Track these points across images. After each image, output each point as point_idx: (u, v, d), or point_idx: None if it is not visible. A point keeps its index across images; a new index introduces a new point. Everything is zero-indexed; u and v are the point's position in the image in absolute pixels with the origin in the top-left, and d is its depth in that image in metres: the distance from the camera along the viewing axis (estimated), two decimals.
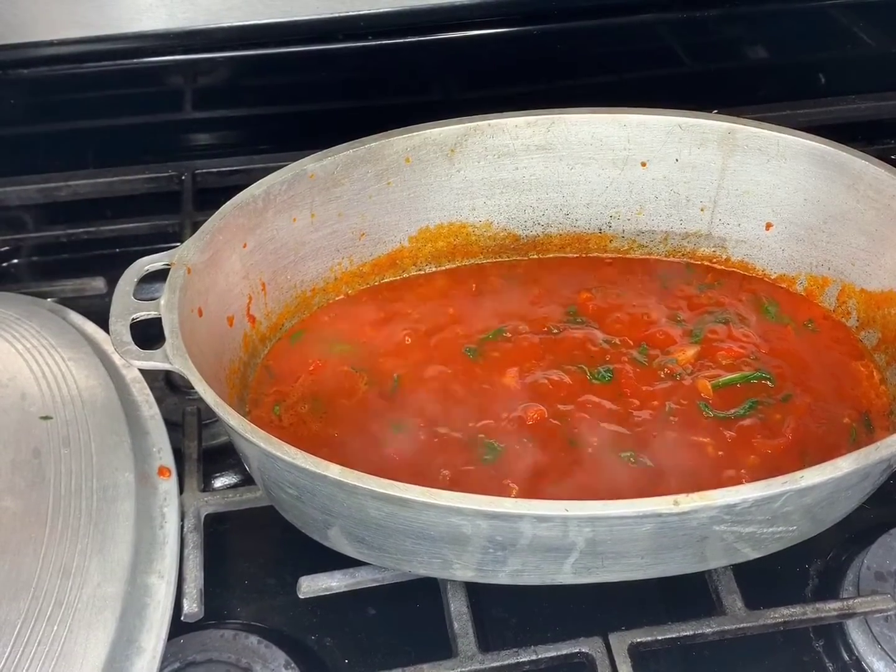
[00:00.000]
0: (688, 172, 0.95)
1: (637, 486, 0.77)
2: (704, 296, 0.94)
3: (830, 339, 0.91)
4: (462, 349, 0.89)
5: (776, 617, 0.75)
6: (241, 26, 1.11)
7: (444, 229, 0.96)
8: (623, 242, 0.99)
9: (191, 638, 0.75)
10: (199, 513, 0.81)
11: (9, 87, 1.11)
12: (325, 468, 0.64)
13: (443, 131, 0.92)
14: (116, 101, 1.16)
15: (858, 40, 1.24)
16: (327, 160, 0.88)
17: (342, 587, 0.77)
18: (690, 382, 0.85)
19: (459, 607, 0.75)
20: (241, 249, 0.85)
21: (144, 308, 0.76)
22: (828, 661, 0.77)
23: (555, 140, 0.94)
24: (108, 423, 0.79)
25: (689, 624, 0.74)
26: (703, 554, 0.70)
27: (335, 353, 0.89)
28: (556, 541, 0.65)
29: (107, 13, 1.07)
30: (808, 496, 0.66)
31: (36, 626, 0.65)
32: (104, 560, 0.70)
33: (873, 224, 0.88)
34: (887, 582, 0.78)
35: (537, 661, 0.72)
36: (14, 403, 0.79)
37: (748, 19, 1.20)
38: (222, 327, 0.83)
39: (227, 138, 1.23)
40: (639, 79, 1.23)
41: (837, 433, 0.82)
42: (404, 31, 1.14)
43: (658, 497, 0.63)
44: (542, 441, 0.80)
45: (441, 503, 0.62)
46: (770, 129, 0.92)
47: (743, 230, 0.96)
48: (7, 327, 0.86)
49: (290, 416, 0.84)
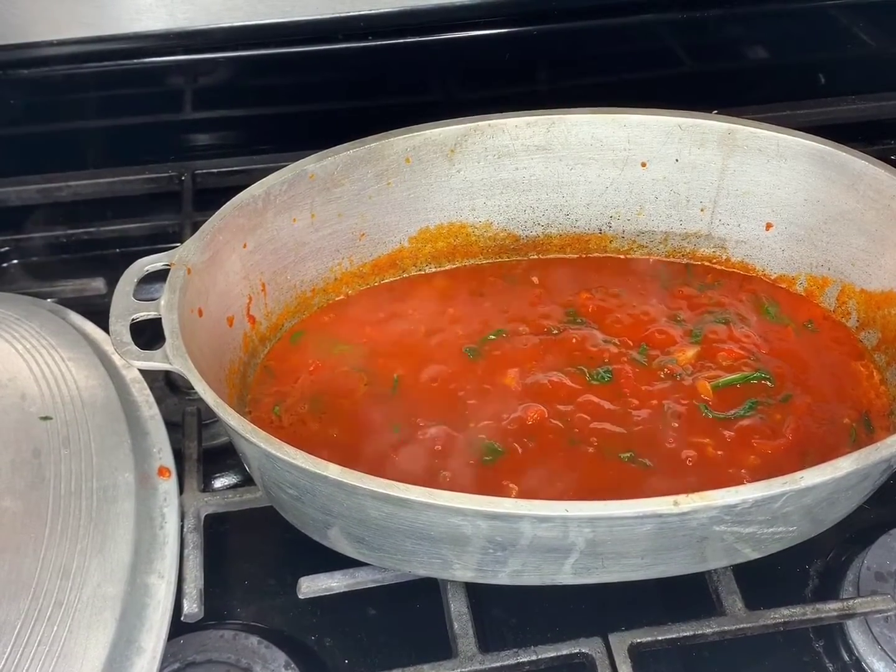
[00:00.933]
0: (688, 173, 0.95)
1: (637, 487, 0.77)
2: (704, 296, 0.94)
3: (830, 339, 0.91)
4: (462, 349, 0.89)
5: (776, 617, 0.75)
6: (241, 26, 1.11)
7: (444, 230, 0.96)
8: (623, 243, 0.99)
9: (191, 638, 0.75)
10: (199, 513, 0.81)
11: (9, 87, 1.11)
12: (325, 468, 0.64)
13: (443, 131, 0.92)
14: (116, 102, 1.16)
15: (858, 40, 1.24)
16: (327, 160, 0.88)
17: (342, 587, 0.77)
18: (690, 383, 0.85)
19: (459, 607, 0.75)
20: (241, 250, 0.85)
21: (144, 308, 0.77)
22: (828, 662, 0.77)
23: (555, 140, 0.94)
24: (108, 424, 0.79)
25: (689, 624, 0.74)
26: (703, 554, 0.70)
27: (335, 353, 0.89)
28: (556, 541, 0.65)
29: (107, 13, 1.08)
30: (808, 496, 0.66)
31: (36, 626, 0.65)
32: (104, 560, 0.70)
33: (873, 224, 0.88)
34: (887, 582, 0.78)
35: (537, 661, 0.72)
36: (14, 403, 0.78)
37: (748, 19, 1.20)
38: (222, 328, 0.83)
39: (227, 138, 1.23)
40: (639, 79, 1.23)
41: (837, 433, 0.82)
42: (404, 31, 1.14)
43: (658, 497, 0.63)
44: (542, 441, 0.80)
45: (441, 503, 0.62)
46: (770, 129, 0.92)
47: (743, 230, 0.96)
48: (7, 327, 0.86)
49: (290, 417, 0.84)
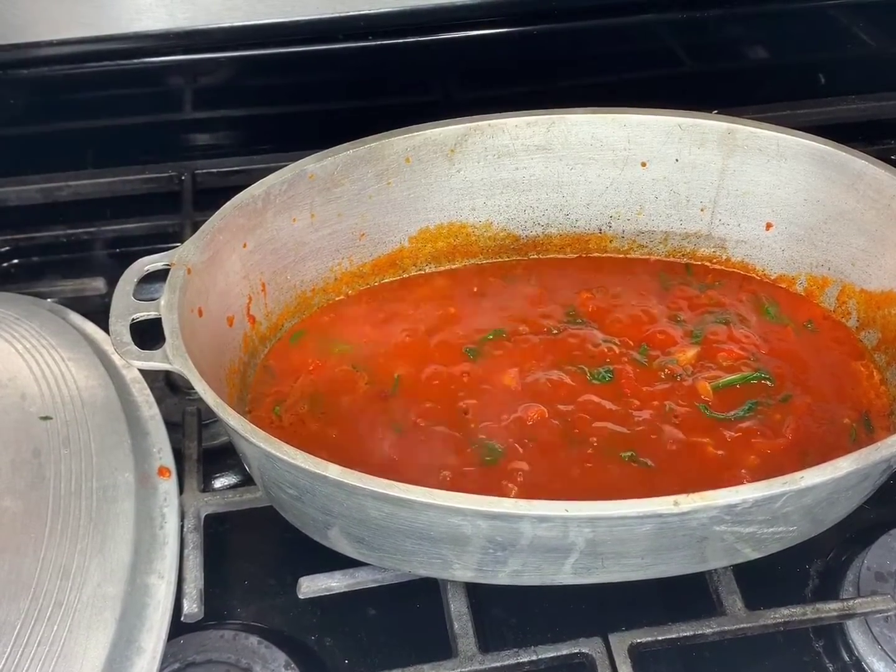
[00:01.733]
0: (688, 172, 0.95)
1: (637, 487, 0.77)
2: (704, 296, 0.94)
3: (830, 339, 0.91)
4: (462, 349, 0.89)
5: (776, 617, 0.75)
6: (241, 26, 1.11)
7: (444, 229, 0.96)
8: (623, 243, 0.99)
9: (191, 638, 0.75)
10: (199, 513, 0.81)
11: (9, 87, 1.11)
12: (325, 468, 0.64)
13: (443, 131, 0.92)
14: (116, 101, 1.16)
15: (858, 40, 1.24)
16: (327, 160, 0.88)
17: (342, 587, 0.77)
18: (691, 383, 0.85)
19: (459, 607, 0.75)
20: (241, 249, 0.85)
21: (144, 308, 0.76)
22: (828, 662, 0.77)
23: (555, 140, 0.94)
24: (108, 423, 0.79)
25: (689, 624, 0.74)
26: (703, 554, 0.70)
27: (335, 353, 0.89)
28: (556, 541, 0.65)
29: (107, 13, 1.07)
30: (808, 496, 0.66)
31: (36, 626, 0.65)
32: (104, 560, 0.70)
33: (873, 224, 0.88)
34: (887, 582, 0.78)
35: (537, 661, 0.72)
36: (14, 403, 0.78)
37: (748, 19, 1.20)
38: (222, 327, 0.83)
39: (227, 138, 1.23)
40: (639, 79, 1.23)
41: (837, 433, 0.82)
42: (404, 31, 1.14)
43: (658, 497, 0.63)
44: (543, 441, 0.80)
45: (441, 503, 0.62)
46: (770, 129, 0.92)
47: (743, 230, 0.96)
48: (7, 327, 0.86)
49: (290, 417, 0.84)
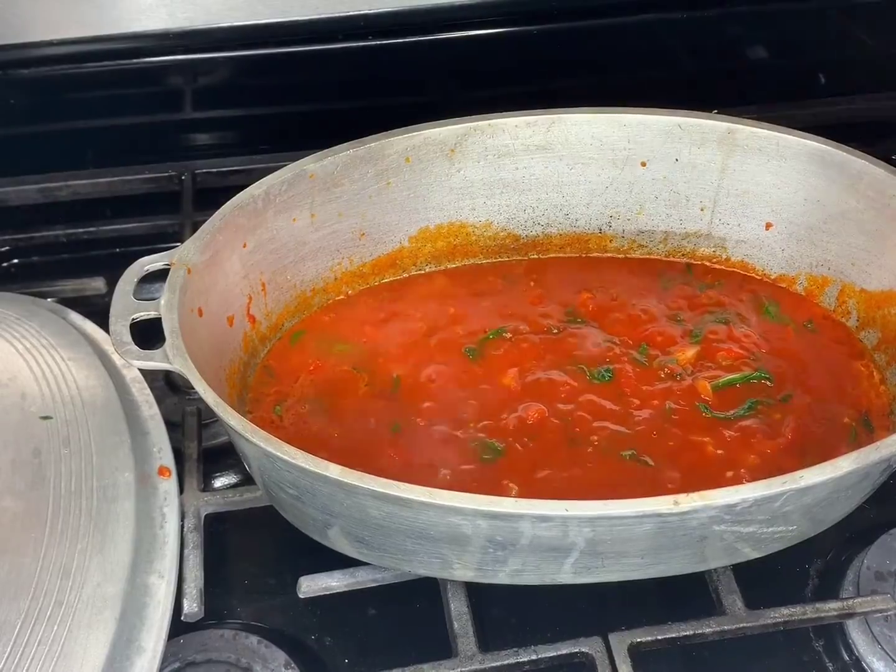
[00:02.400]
0: (688, 172, 0.95)
1: (637, 486, 0.77)
2: (704, 296, 0.94)
3: (830, 339, 0.91)
4: (462, 349, 0.89)
5: (776, 617, 0.75)
6: (241, 26, 1.11)
7: (444, 229, 0.96)
8: (623, 242, 0.99)
9: (191, 638, 0.75)
10: (199, 513, 0.81)
11: (9, 87, 1.11)
12: (325, 468, 0.64)
13: (443, 131, 0.92)
14: (116, 101, 1.16)
15: (858, 40, 1.24)
16: (327, 160, 0.88)
17: (342, 587, 0.77)
18: (690, 382, 0.85)
19: (459, 607, 0.75)
20: (241, 249, 0.85)
21: (144, 308, 0.76)
22: (828, 661, 0.77)
23: (555, 140, 0.94)
24: (108, 423, 0.79)
25: (689, 624, 0.74)
26: (703, 554, 0.70)
27: (335, 353, 0.89)
28: (556, 541, 0.65)
29: (107, 13, 1.08)
30: (808, 496, 0.66)
31: (36, 626, 0.65)
32: (104, 560, 0.70)
33: (873, 224, 0.88)
34: (887, 582, 0.78)
35: (537, 661, 0.72)
36: (14, 403, 0.78)
37: (748, 19, 1.20)
38: (222, 327, 0.83)
39: (227, 138, 1.23)
40: (639, 79, 1.23)
41: (837, 433, 0.82)
42: (404, 31, 1.14)
43: (658, 497, 0.63)
44: (543, 441, 0.80)
45: (441, 503, 0.62)
46: (770, 129, 0.92)
47: (743, 230, 0.96)
48: (7, 327, 0.86)
49: (291, 416, 0.83)
